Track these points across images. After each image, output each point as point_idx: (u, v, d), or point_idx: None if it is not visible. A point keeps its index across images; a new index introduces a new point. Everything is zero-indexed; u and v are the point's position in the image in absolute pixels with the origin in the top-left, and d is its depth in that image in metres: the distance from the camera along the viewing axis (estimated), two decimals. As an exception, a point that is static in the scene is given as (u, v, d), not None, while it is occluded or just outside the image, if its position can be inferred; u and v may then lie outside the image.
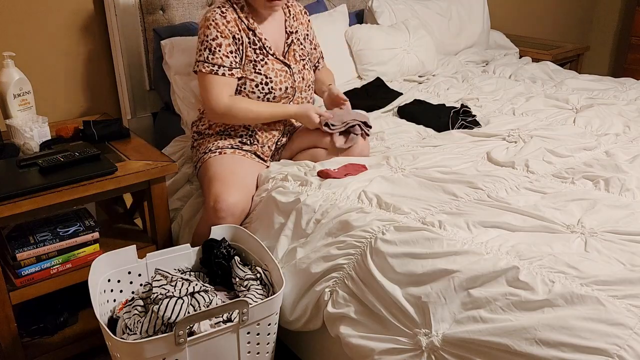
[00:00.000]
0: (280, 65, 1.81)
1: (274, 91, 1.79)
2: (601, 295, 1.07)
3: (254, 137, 1.85)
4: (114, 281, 1.47)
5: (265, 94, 1.78)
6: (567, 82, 2.57)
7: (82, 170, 1.55)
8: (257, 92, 1.78)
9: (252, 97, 1.78)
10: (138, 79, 2.24)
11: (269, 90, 1.78)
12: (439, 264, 1.23)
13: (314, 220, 1.50)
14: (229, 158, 1.76)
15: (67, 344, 1.66)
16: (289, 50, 1.85)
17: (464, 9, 3.10)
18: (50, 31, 2.05)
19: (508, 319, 1.09)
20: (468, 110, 2.14)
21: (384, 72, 2.56)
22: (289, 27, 1.87)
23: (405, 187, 1.56)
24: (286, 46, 1.85)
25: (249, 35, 1.77)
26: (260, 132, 1.85)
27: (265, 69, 1.77)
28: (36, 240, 1.53)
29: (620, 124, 2.03)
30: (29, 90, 1.74)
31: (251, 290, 1.41)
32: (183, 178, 1.96)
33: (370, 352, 1.25)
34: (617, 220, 1.35)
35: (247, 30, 1.77)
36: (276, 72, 1.79)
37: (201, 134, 1.89)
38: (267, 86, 1.78)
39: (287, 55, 1.85)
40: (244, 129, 1.84)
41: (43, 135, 1.70)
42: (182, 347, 1.23)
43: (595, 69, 4.38)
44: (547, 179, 1.62)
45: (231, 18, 1.74)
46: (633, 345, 0.97)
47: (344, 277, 1.36)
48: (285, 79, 1.81)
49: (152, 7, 2.20)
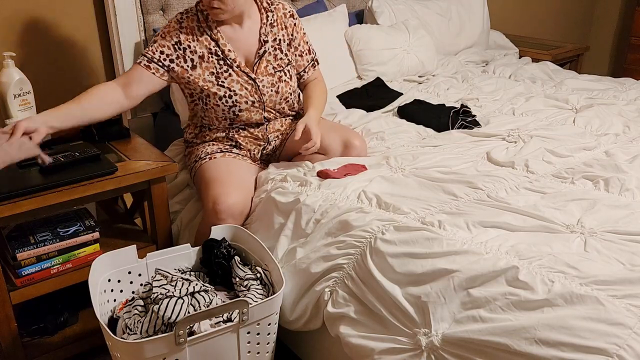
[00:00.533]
0: (246, 77, 1.73)
1: (239, 104, 1.72)
2: (601, 295, 1.07)
3: (238, 147, 1.81)
4: (114, 281, 1.48)
5: (229, 106, 1.72)
6: (567, 82, 2.57)
7: (82, 170, 1.55)
8: (221, 104, 1.72)
9: (217, 110, 1.73)
10: (138, 79, 2.24)
11: (233, 103, 1.72)
12: (439, 263, 1.23)
13: (314, 220, 1.50)
14: (221, 161, 1.74)
15: (67, 344, 1.66)
16: (259, 62, 1.75)
17: (463, 9, 3.10)
18: (50, 31, 2.05)
19: (508, 318, 1.09)
20: (468, 110, 2.14)
21: (384, 72, 2.56)
22: (263, 35, 1.75)
23: (405, 187, 1.56)
24: (257, 57, 1.74)
25: (211, 45, 1.70)
26: (244, 142, 1.81)
27: (229, 81, 1.70)
28: (36, 240, 1.53)
29: (620, 124, 2.03)
30: (29, 90, 1.74)
31: (251, 290, 1.41)
32: (182, 182, 1.96)
33: (370, 352, 1.26)
34: (616, 220, 1.35)
35: (210, 40, 1.70)
36: (240, 85, 1.72)
37: (189, 143, 1.88)
38: (230, 99, 1.71)
39: (257, 67, 1.74)
40: (227, 138, 1.80)
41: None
42: (182, 347, 1.23)
43: (595, 69, 4.38)
44: (546, 179, 1.63)
45: (188, 25, 1.69)
46: (632, 344, 0.97)
47: (343, 277, 1.36)
48: (250, 92, 1.73)
49: (152, 7, 2.20)
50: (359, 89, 2.43)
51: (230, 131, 1.80)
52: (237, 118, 1.77)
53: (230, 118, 1.76)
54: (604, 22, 4.42)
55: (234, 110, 1.74)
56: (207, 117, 1.78)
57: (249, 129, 1.81)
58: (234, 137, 1.80)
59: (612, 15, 4.37)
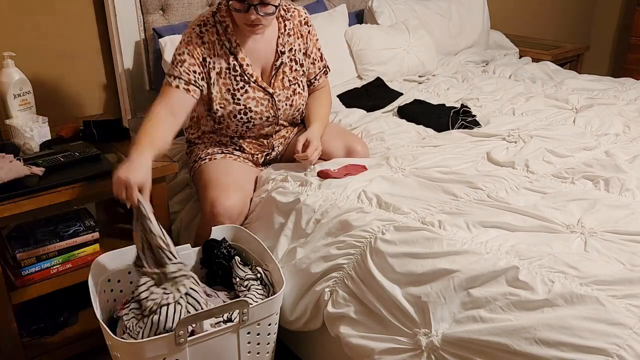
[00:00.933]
0: (262, 93, 1.70)
1: (254, 120, 1.71)
2: (601, 295, 1.07)
3: (242, 150, 1.80)
4: (114, 281, 1.47)
5: (244, 122, 1.71)
6: (567, 82, 2.57)
7: (82, 170, 1.55)
8: (235, 121, 1.70)
9: (231, 124, 1.71)
10: (138, 79, 2.24)
11: (248, 119, 1.70)
12: (439, 263, 1.23)
13: (314, 220, 1.50)
14: (221, 162, 1.73)
15: (67, 344, 1.66)
16: (276, 74, 1.72)
17: (464, 9, 3.10)
18: (50, 31, 2.05)
19: (508, 318, 1.09)
20: (468, 110, 2.14)
21: (384, 72, 2.55)
22: (280, 45, 1.72)
23: (405, 187, 1.56)
24: (274, 69, 1.72)
25: (229, 60, 1.66)
26: (248, 147, 1.80)
27: (245, 97, 1.68)
28: (36, 240, 1.53)
29: (620, 124, 2.03)
30: (29, 90, 1.74)
31: (251, 290, 1.41)
32: (182, 182, 1.96)
33: (370, 352, 1.26)
34: (617, 220, 1.35)
35: (228, 54, 1.66)
36: (257, 101, 1.69)
37: (192, 143, 1.87)
38: (246, 115, 1.69)
39: (274, 80, 1.72)
40: (232, 143, 1.79)
41: (43, 135, 1.70)
42: (183, 347, 1.23)
43: (595, 69, 4.37)
44: (547, 179, 1.62)
45: (209, 40, 1.64)
46: (632, 344, 0.98)
47: (343, 277, 1.36)
48: (266, 108, 1.71)
49: (152, 7, 2.20)
50: (359, 89, 2.43)
51: (235, 137, 1.79)
52: (248, 131, 1.76)
53: (241, 131, 1.75)
54: (604, 22, 4.42)
55: (248, 125, 1.73)
56: (217, 128, 1.76)
57: (255, 139, 1.81)
58: (239, 143, 1.79)
59: (612, 15, 4.37)
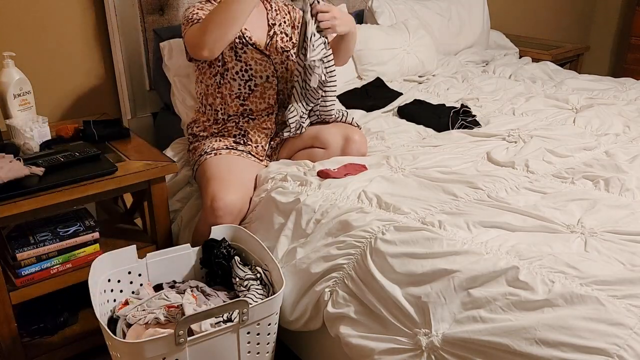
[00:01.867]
0: (260, 55, 1.84)
1: (255, 78, 1.83)
2: (601, 295, 1.07)
3: (247, 137, 1.85)
4: (114, 281, 1.48)
5: (246, 80, 1.83)
6: (567, 82, 2.57)
7: (82, 170, 1.55)
8: (237, 79, 1.82)
9: (233, 84, 1.83)
10: (138, 79, 2.24)
11: (249, 77, 1.83)
12: (439, 263, 1.23)
13: (314, 220, 1.50)
14: (225, 158, 1.76)
15: (67, 344, 1.66)
16: (271, 42, 1.89)
17: (463, 9, 3.10)
18: (50, 31, 2.05)
19: (508, 318, 1.09)
20: (468, 110, 2.14)
21: (384, 72, 2.56)
22: (270, 19, 1.92)
23: (405, 187, 1.56)
24: (268, 38, 1.89)
25: None
26: (253, 131, 1.86)
27: (246, 57, 1.82)
28: (36, 240, 1.53)
29: (620, 124, 2.03)
30: (29, 90, 1.74)
31: (251, 290, 1.41)
32: (183, 180, 1.96)
33: (370, 352, 1.25)
34: (617, 220, 1.35)
35: None
36: (256, 61, 1.83)
37: (196, 136, 1.91)
38: (247, 73, 1.82)
39: (270, 46, 1.88)
40: (237, 129, 1.85)
41: (43, 135, 1.70)
42: (182, 347, 1.23)
43: (595, 69, 4.38)
44: (547, 179, 1.62)
45: (212, 7, 1.79)
46: (633, 345, 0.97)
47: (343, 277, 1.36)
48: (265, 68, 1.84)
49: (152, 8, 2.20)
50: (359, 89, 2.43)
51: (241, 120, 1.86)
52: (252, 94, 1.84)
53: (244, 96, 1.84)
54: (604, 22, 4.42)
55: (250, 85, 1.83)
56: (220, 95, 1.84)
57: (259, 118, 1.87)
58: (244, 127, 1.85)
59: (612, 15, 4.37)
